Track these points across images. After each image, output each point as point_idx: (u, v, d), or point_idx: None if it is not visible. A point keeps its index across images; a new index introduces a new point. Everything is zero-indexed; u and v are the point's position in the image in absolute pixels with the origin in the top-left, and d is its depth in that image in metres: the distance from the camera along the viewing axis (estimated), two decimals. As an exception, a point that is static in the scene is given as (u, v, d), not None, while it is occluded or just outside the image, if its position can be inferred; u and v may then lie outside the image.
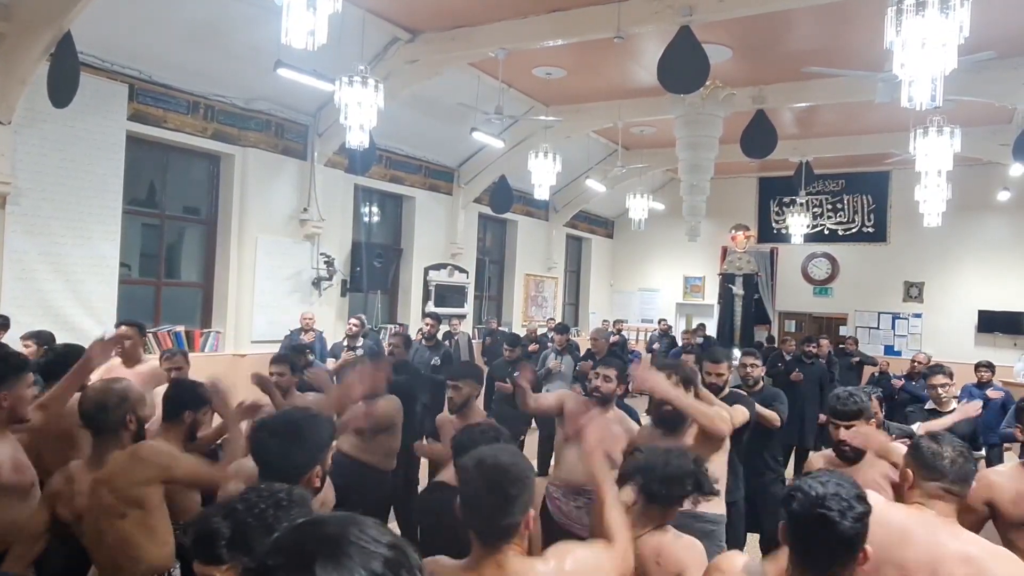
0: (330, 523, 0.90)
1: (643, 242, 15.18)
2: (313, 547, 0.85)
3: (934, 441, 2.24)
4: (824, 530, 1.67)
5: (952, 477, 2.16)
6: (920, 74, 4.12)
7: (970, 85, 7.34)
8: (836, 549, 1.69)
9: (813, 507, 1.68)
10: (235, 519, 1.35)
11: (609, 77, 9.10)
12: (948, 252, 12.95)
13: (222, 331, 8.06)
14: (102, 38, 6.35)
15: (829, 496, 1.68)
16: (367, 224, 10.36)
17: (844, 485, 1.73)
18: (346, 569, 0.83)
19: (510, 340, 7.55)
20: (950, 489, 2.16)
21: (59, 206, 6.38)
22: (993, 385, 6.69)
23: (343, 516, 0.93)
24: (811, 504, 1.69)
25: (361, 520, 0.91)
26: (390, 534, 0.90)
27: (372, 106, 5.92)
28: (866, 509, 1.71)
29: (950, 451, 2.19)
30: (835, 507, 1.67)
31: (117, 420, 2.56)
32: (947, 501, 2.16)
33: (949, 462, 2.17)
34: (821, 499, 1.68)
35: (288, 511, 1.35)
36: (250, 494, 1.40)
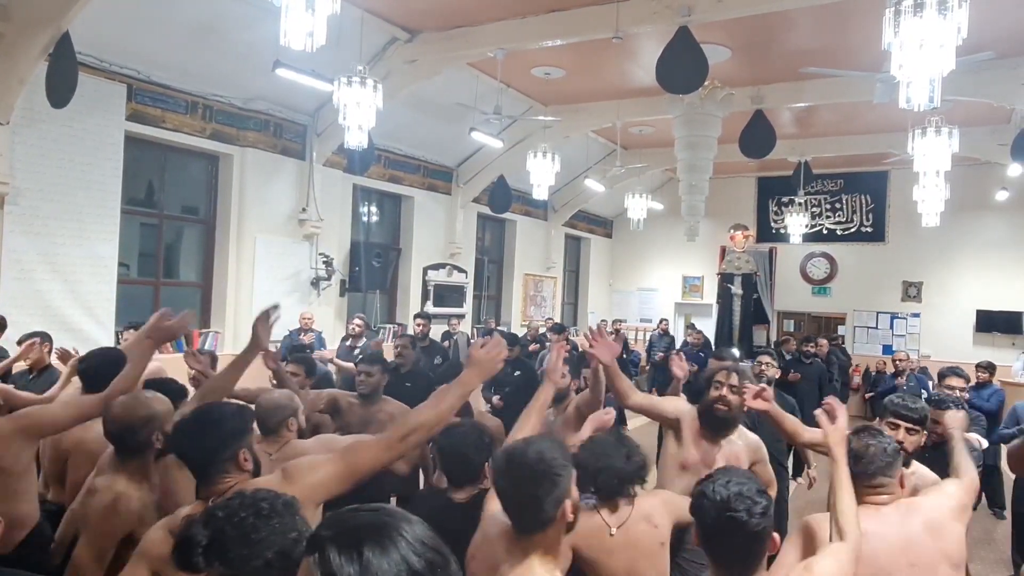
0: (385, 513, 1.01)
1: (642, 242, 15.19)
2: (365, 531, 0.95)
3: (856, 438, 2.31)
4: (735, 531, 1.73)
5: (864, 471, 2.24)
6: (918, 75, 4.12)
7: (968, 85, 7.36)
8: (749, 546, 1.75)
9: (721, 511, 1.74)
10: (214, 527, 1.33)
11: (608, 77, 9.10)
12: (946, 252, 12.96)
13: (221, 331, 8.05)
14: (100, 38, 6.34)
15: (733, 497, 1.74)
16: (366, 224, 10.36)
17: (744, 483, 1.79)
18: (390, 556, 0.93)
19: (508, 339, 7.54)
20: (871, 484, 2.25)
21: (57, 206, 6.37)
22: (992, 386, 6.69)
23: (398, 511, 1.03)
24: (718, 508, 1.74)
25: (414, 519, 1.01)
26: (438, 540, 1.00)
27: (371, 106, 5.92)
28: (768, 501, 1.78)
29: (857, 445, 2.28)
30: (741, 507, 1.73)
31: (143, 441, 2.49)
32: (882, 492, 2.26)
33: (854, 457, 2.25)
34: (727, 501, 1.74)
35: (269, 520, 1.33)
36: (234, 500, 1.39)
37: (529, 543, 1.75)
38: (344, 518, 1.01)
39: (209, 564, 1.30)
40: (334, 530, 0.98)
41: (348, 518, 1.01)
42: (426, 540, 0.99)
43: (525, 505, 1.75)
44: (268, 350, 3.43)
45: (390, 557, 0.93)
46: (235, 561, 1.29)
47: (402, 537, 0.96)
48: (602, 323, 12.92)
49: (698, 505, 1.81)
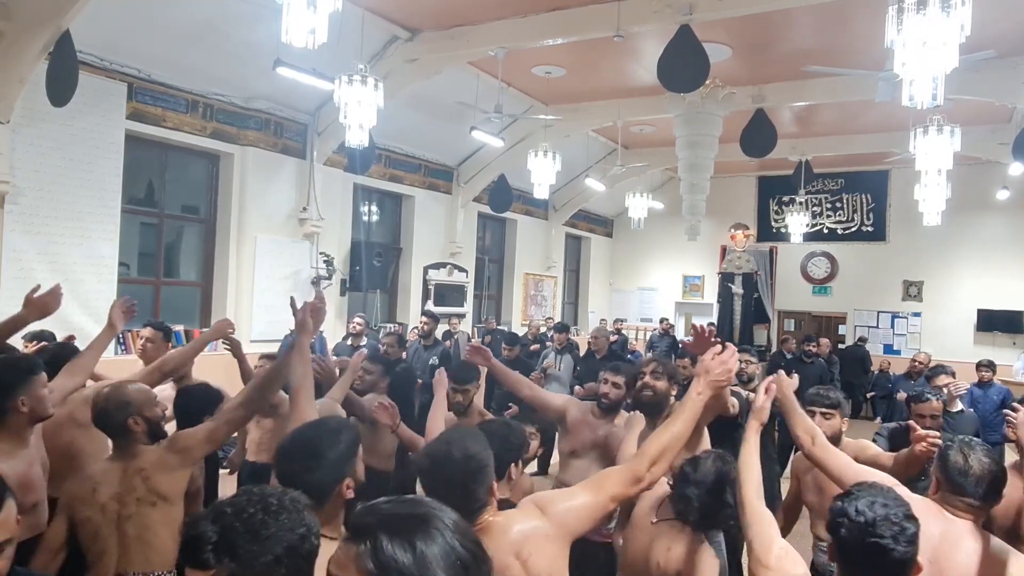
0: (424, 504, 1.06)
1: (642, 241, 15.18)
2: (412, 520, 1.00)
3: (961, 455, 2.16)
4: (878, 557, 1.62)
5: (975, 494, 2.11)
6: (921, 73, 4.11)
7: (969, 84, 7.34)
8: (891, 572, 1.64)
9: (864, 535, 1.62)
10: (223, 523, 1.32)
11: (609, 76, 9.09)
12: (947, 251, 12.95)
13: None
14: (101, 37, 6.33)
15: (879, 521, 1.62)
16: (366, 223, 10.34)
17: (890, 505, 1.67)
18: (438, 545, 0.97)
19: (509, 339, 7.55)
20: (973, 505, 2.12)
21: (58, 205, 6.36)
22: (996, 385, 6.66)
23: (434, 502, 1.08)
24: (861, 532, 1.63)
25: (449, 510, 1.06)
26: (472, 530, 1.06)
27: (371, 105, 5.90)
28: (917, 528, 1.66)
29: (976, 468, 2.12)
30: (887, 534, 1.61)
31: (119, 424, 2.59)
32: (970, 513, 2.12)
33: (974, 481, 2.10)
34: (871, 525, 1.62)
35: (278, 516, 1.32)
36: (241, 497, 1.38)
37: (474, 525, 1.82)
38: (386, 508, 1.04)
39: (219, 560, 1.29)
40: (381, 519, 1.01)
41: (390, 508, 1.04)
42: (465, 530, 1.03)
43: (463, 499, 1.76)
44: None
45: (438, 546, 0.98)
46: (245, 557, 1.28)
47: (446, 527, 1.01)
48: (602, 322, 12.92)
49: (837, 523, 1.70)
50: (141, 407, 2.65)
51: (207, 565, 1.30)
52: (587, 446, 3.63)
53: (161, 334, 4.59)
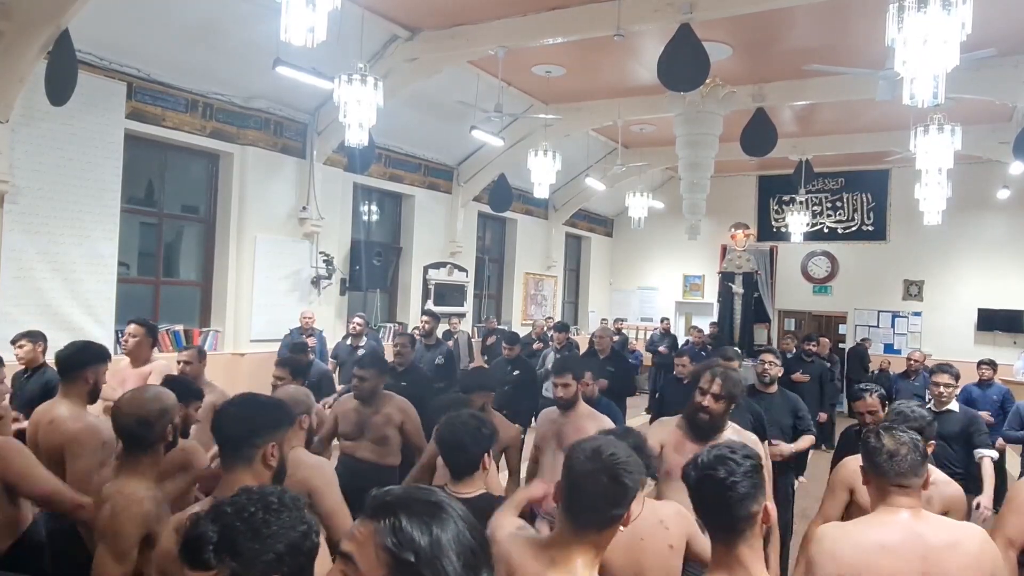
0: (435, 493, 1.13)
1: (642, 241, 15.17)
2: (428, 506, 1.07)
3: (876, 437, 2.23)
4: (716, 490, 1.74)
5: (894, 471, 2.15)
6: (922, 72, 4.10)
7: (970, 83, 7.34)
8: (731, 505, 1.73)
9: (702, 471, 1.78)
10: (223, 523, 1.33)
11: (609, 75, 9.08)
12: (948, 250, 12.94)
13: (221, 330, 8.04)
14: (100, 36, 6.33)
15: (715, 459, 1.77)
16: (366, 223, 10.34)
17: (730, 449, 1.82)
18: (450, 532, 1.04)
19: (509, 338, 7.54)
20: (899, 483, 2.15)
21: (57, 205, 6.36)
22: (997, 384, 6.64)
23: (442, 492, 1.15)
24: (699, 470, 1.78)
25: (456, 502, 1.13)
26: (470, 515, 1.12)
27: (371, 104, 5.88)
28: (753, 463, 1.78)
29: (889, 443, 2.19)
30: (722, 468, 1.75)
31: (158, 433, 2.46)
32: (907, 495, 2.16)
33: (887, 456, 2.17)
34: (708, 464, 1.77)
35: (279, 514, 1.33)
36: (241, 496, 1.38)
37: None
38: (404, 492, 1.11)
39: (220, 560, 1.30)
40: (400, 501, 1.08)
41: (408, 493, 1.11)
42: (472, 520, 1.10)
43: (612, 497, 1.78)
44: None
45: (451, 532, 1.04)
46: (246, 556, 1.29)
47: (458, 516, 1.08)
48: (604, 322, 12.92)
49: (686, 474, 1.84)
50: (174, 413, 2.54)
51: (208, 565, 1.30)
52: (547, 439, 3.85)
53: (145, 330, 4.62)
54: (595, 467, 1.77)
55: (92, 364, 3.19)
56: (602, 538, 1.78)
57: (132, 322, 4.69)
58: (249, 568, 1.29)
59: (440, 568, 1.01)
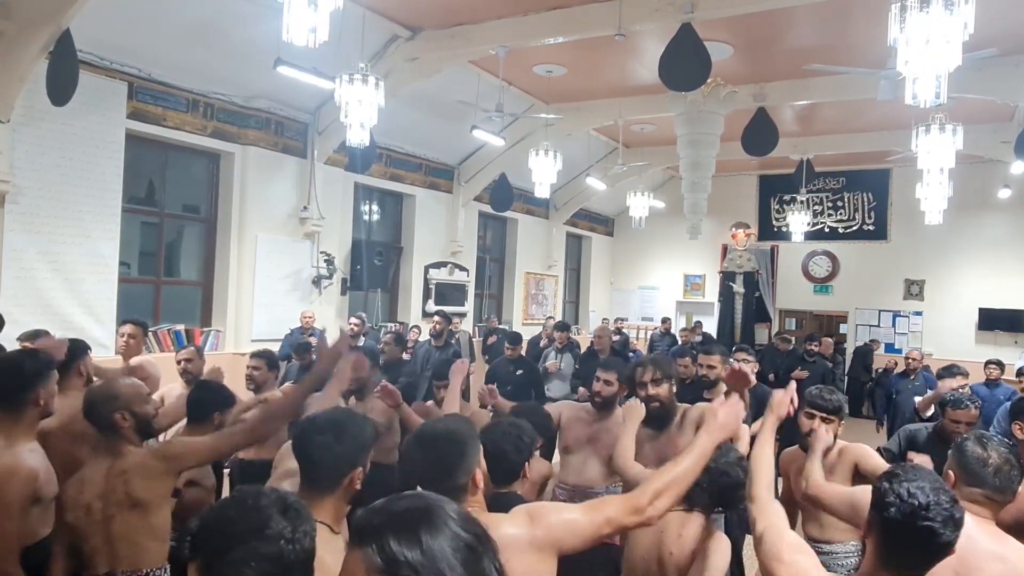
0: (423, 497, 1.08)
1: (643, 240, 15.16)
2: (414, 515, 1.01)
3: (979, 445, 2.18)
4: (927, 541, 1.65)
5: (993, 485, 2.12)
6: (924, 71, 4.10)
7: (971, 82, 7.32)
8: (935, 556, 1.68)
9: (915, 518, 1.66)
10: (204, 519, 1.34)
11: (610, 75, 9.08)
12: (949, 250, 12.93)
13: (222, 330, 8.04)
14: (101, 36, 6.32)
15: (932, 506, 1.66)
16: (367, 222, 10.34)
17: (940, 491, 1.71)
18: (444, 536, 0.99)
19: (512, 339, 7.54)
20: (991, 497, 2.12)
21: (58, 204, 6.35)
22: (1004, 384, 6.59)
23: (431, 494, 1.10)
24: (913, 515, 1.67)
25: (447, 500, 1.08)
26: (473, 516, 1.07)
27: (372, 104, 5.89)
28: (962, 514, 1.71)
29: (995, 457, 2.14)
30: (938, 519, 1.65)
31: (105, 418, 2.54)
32: (987, 507, 2.13)
33: (993, 470, 2.12)
34: (924, 509, 1.66)
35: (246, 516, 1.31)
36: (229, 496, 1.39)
37: None
38: (387, 507, 1.05)
39: (195, 555, 1.30)
40: (384, 518, 1.02)
41: (392, 506, 1.04)
42: (467, 516, 1.05)
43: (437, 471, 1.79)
44: None
45: (444, 537, 0.99)
46: (211, 553, 1.29)
47: (449, 516, 1.02)
48: (604, 321, 12.92)
49: (886, 503, 1.72)
50: (130, 402, 2.58)
51: (188, 558, 1.31)
52: (581, 442, 3.67)
53: (141, 329, 4.65)
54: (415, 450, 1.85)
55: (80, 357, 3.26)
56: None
57: (127, 321, 4.72)
58: (214, 564, 1.28)
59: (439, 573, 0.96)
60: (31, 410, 2.61)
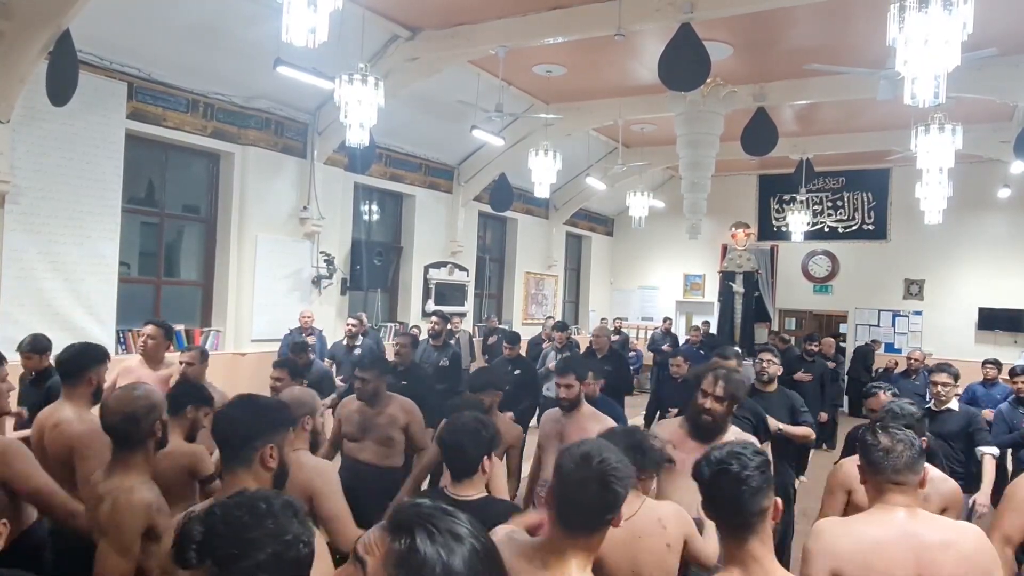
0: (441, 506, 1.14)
1: (643, 240, 15.16)
2: (438, 518, 1.08)
3: (872, 434, 2.26)
4: (730, 484, 1.77)
5: (895, 467, 2.17)
6: (923, 71, 4.10)
7: (971, 82, 7.33)
8: (745, 500, 1.77)
9: (715, 466, 1.82)
10: (208, 523, 1.32)
11: (609, 75, 9.08)
12: (948, 249, 12.94)
13: (222, 330, 8.04)
14: (101, 36, 6.33)
15: (728, 455, 1.82)
16: (367, 222, 10.34)
17: (743, 444, 1.90)
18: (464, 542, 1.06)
19: (510, 338, 7.54)
20: (898, 480, 2.17)
21: (58, 205, 6.36)
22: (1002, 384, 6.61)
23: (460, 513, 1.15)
24: (713, 465, 1.83)
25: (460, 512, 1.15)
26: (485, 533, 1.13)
27: (372, 104, 5.89)
28: (764, 459, 1.85)
29: (885, 440, 2.22)
30: (735, 462, 1.80)
31: (146, 430, 2.49)
32: (903, 493, 2.18)
33: (884, 450, 2.19)
34: (721, 459, 1.83)
35: (263, 521, 1.31)
36: (234, 498, 1.38)
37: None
38: (425, 512, 1.11)
39: (201, 561, 1.29)
40: (420, 520, 1.08)
41: (429, 513, 1.11)
42: (486, 543, 1.12)
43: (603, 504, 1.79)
44: None
45: (460, 559, 1.06)
46: (224, 560, 1.28)
47: (465, 524, 1.10)
48: (603, 321, 12.92)
49: (698, 470, 1.87)
50: (163, 412, 2.58)
51: (190, 564, 1.29)
52: (550, 437, 3.87)
53: (163, 332, 4.63)
54: (585, 474, 1.77)
55: (94, 365, 3.22)
56: (593, 541, 1.79)
57: (149, 323, 4.72)
58: (226, 572, 1.27)
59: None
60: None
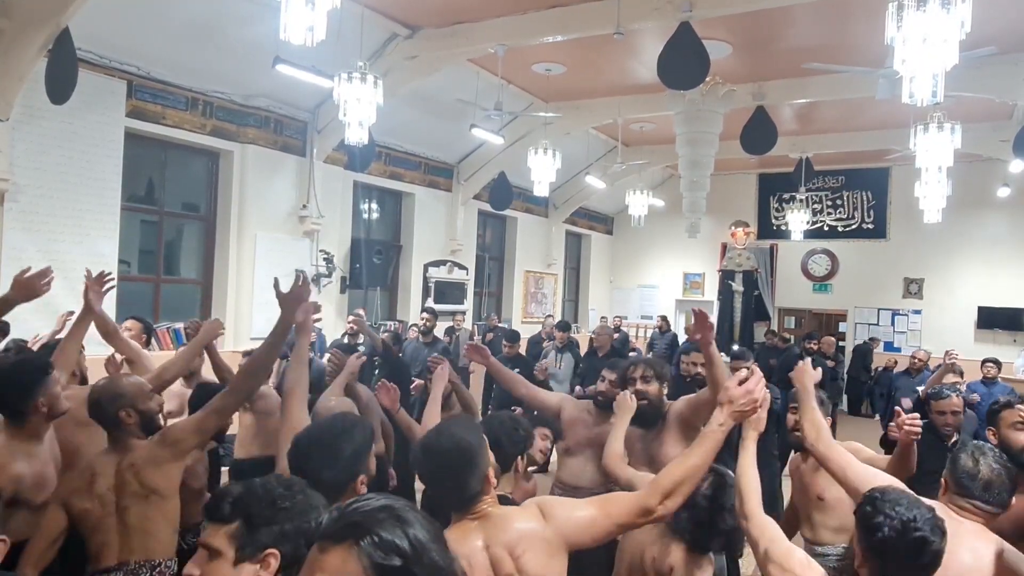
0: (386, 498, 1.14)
1: (643, 239, 15.16)
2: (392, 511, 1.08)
3: (971, 459, 2.20)
4: (921, 551, 1.72)
5: (982, 498, 2.13)
6: (921, 70, 4.10)
7: (970, 81, 7.33)
8: (929, 567, 1.74)
9: (907, 531, 1.73)
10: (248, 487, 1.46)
11: (609, 73, 9.08)
12: (948, 248, 12.93)
13: (222, 328, 8.03)
14: (100, 34, 6.32)
15: (919, 518, 1.74)
16: (366, 221, 10.34)
17: (918, 504, 1.79)
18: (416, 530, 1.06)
19: (509, 336, 7.55)
20: (980, 508, 2.15)
21: (57, 203, 6.36)
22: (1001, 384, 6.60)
23: (386, 496, 1.15)
24: (905, 529, 1.73)
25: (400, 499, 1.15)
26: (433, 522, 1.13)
27: (371, 102, 5.89)
28: (944, 522, 1.78)
29: (986, 472, 2.15)
30: (927, 527, 1.72)
31: (111, 416, 2.60)
32: (977, 516, 2.15)
33: (983, 485, 2.14)
34: (913, 521, 1.74)
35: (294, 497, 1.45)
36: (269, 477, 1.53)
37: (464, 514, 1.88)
38: (362, 507, 1.10)
39: (233, 517, 1.42)
40: (362, 517, 1.08)
41: (366, 506, 1.10)
42: (423, 513, 1.12)
43: (454, 486, 1.83)
44: None
45: (420, 528, 1.07)
46: (253, 521, 1.41)
47: (412, 512, 1.10)
48: (603, 320, 12.93)
49: (875, 525, 1.77)
50: (134, 399, 2.65)
51: (222, 516, 1.42)
52: (582, 444, 3.61)
53: (142, 326, 4.70)
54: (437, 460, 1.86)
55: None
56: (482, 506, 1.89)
57: (131, 318, 4.76)
58: (254, 531, 1.39)
59: (430, 559, 1.04)
60: (34, 417, 2.65)
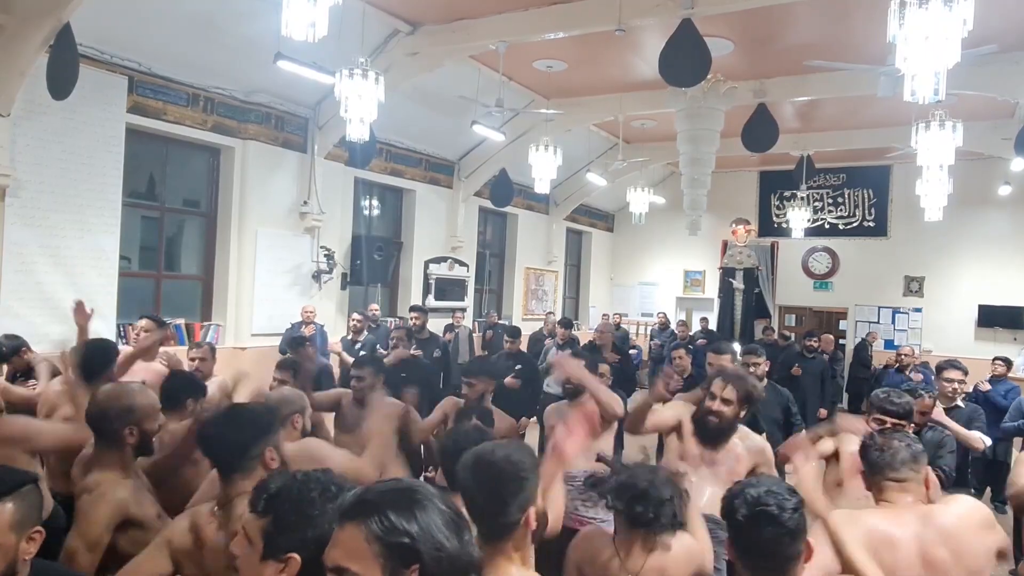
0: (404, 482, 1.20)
1: (643, 236, 15.16)
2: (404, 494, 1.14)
3: (871, 438, 2.35)
4: (766, 525, 1.74)
5: (891, 465, 2.24)
6: (923, 68, 4.10)
7: (972, 79, 7.32)
8: (781, 542, 1.74)
9: (752, 507, 1.76)
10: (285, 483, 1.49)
11: (610, 70, 9.07)
12: (949, 246, 12.93)
13: (222, 324, 8.05)
14: (101, 30, 6.32)
15: (764, 494, 1.77)
16: (367, 217, 10.34)
17: (775, 485, 1.84)
18: (431, 514, 1.12)
19: (511, 332, 7.55)
20: (897, 478, 2.23)
21: (58, 198, 6.37)
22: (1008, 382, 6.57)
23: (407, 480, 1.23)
24: (755, 504, 1.76)
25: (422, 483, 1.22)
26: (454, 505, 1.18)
27: (372, 99, 5.89)
28: (799, 501, 1.81)
29: (882, 441, 2.30)
30: (772, 502, 1.75)
31: (113, 430, 2.38)
32: (903, 491, 2.23)
33: (889, 454, 2.25)
34: (757, 499, 1.77)
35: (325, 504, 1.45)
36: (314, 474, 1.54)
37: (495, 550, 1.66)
38: (379, 489, 1.16)
39: (265, 512, 1.46)
40: (376, 497, 1.14)
41: (382, 489, 1.17)
42: (444, 497, 1.17)
43: (493, 506, 1.66)
44: None
45: (432, 511, 1.12)
46: (281, 522, 1.44)
47: (430, 493, 1.15)
48: (605, 317, 12.94)
49: (729, 507, 1.81)
50: (143, 418, 2.42)
51: (257, 510, 1.47)
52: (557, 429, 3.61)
53: (156, 325, 4.66)
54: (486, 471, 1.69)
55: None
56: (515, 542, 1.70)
57: (144, 317, 4.75)
58: (278, 532, 1.43)
59: (436, 541, 1.09)
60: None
